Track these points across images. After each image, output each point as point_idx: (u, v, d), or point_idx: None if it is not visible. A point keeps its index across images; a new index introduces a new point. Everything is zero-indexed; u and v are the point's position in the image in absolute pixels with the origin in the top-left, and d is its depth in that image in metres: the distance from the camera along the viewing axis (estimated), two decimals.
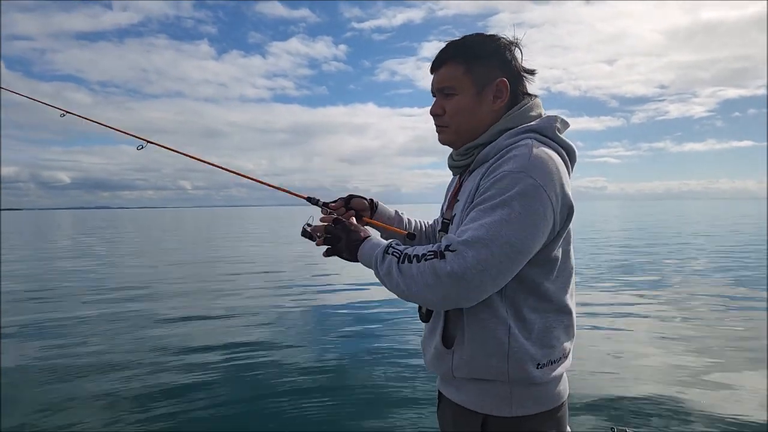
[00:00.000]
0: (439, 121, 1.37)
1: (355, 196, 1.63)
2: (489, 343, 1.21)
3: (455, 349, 1.27)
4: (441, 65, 1.33)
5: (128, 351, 5.58)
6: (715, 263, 12.58)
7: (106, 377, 4.71)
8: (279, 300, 8.59)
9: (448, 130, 1.36)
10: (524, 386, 1.23)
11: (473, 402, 1.27)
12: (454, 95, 1.31)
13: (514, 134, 1.27)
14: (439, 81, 1.34)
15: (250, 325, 6.76)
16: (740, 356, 5.14)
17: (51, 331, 6.60)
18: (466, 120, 1.32)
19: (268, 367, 4.92)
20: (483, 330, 1.22)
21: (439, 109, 1.35)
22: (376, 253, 1.25)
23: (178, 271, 13.09)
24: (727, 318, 6.87)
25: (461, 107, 1.31)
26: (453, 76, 1.31)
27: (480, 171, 1.27)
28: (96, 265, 14.62)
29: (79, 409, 3.93)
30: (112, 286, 10.50)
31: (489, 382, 1.24)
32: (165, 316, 7.44)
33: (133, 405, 4.02)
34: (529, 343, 1.21)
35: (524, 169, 1.15)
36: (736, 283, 9.56)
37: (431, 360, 1.36)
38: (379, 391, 4.30)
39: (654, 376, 4.49)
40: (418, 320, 1.45)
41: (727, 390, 4.19)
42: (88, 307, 8.16)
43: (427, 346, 1.38)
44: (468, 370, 1.25)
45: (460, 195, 1.34)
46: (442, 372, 1.33)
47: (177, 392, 4.28)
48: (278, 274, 11.99)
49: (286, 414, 3.87)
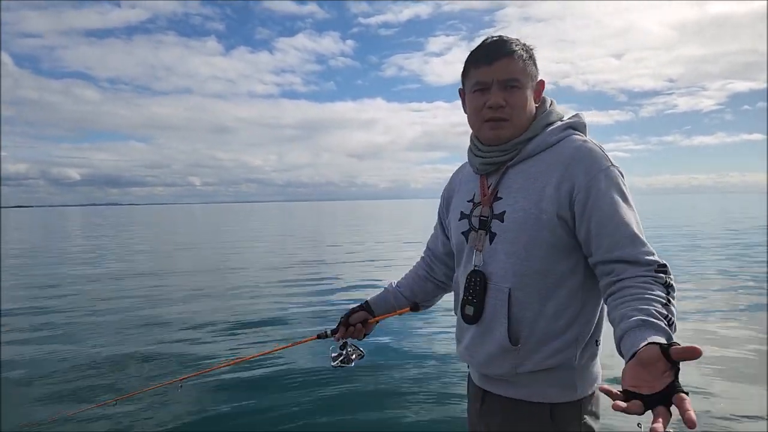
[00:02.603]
0: (500, 113, 1.32)
1: (350, 313, 1.64)
2: (562, 332, 1.26)
3: (522, 345, 1.28)
4: (505, 56, 1.30)
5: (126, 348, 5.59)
6: (733, 260, 12.42)
7: (107, 372, 4.73)
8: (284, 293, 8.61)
9: (508, 124, 1.33)
10: (585, 367, 1.30)
11: (539, 394, 1.29)
12: (518, 89, 1.32)
13: (559, 130, 1.34)
14: (503, 72, 1.30)
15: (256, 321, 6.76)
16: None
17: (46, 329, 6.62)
18: (525, 115, 1.34)
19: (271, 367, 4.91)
20: (555, 320, 1.26)
21: (502, 101, 1.31)
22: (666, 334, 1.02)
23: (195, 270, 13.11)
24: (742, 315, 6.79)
25: (523, 101, 1.33)
26: (519, 69, 1.31)
27: (534, 165, 1.31)
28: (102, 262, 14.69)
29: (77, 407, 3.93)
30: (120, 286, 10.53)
31: (554, 371, 1.27)
32: (178, 318, 7.43)
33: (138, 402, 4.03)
34: (593, 323, 1.30)
35: (607, 160, 1.26)
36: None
37: (487, 360, 1.33)
38: (383, 389, 4.29)
39: None
40: (415, 317, 1.43)
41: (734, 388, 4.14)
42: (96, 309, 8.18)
43: (479, 348, 1.35)
44: (536, 363, 1.27)
45: (505, 192, 1.33)
46: (502, 371, 1.31)
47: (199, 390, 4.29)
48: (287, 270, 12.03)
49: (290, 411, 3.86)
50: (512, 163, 1.34)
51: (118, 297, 8.73)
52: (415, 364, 4.82)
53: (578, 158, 1.25)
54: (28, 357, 5.29)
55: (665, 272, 1.13)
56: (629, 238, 1.18)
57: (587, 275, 1.28)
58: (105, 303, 8.22)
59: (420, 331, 5.84)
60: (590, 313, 1.29)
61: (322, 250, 16.88)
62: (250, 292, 9.09)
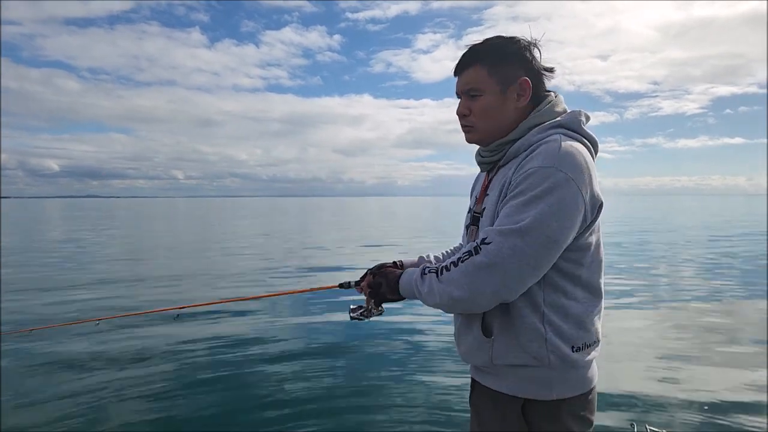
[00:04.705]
0: (465, 121, 1.43)
1: (381, 266, 1.62)
2: (528, 329, 1.27)
3: (495, 338, 1.32)
4: (465, 68, 1.40)
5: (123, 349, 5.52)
6: (723, 260, 12.62)
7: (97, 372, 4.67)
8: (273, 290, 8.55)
9: (474, 129, 1.42)
10: (563, 370, 1.29)
11: (513, 388, 1.32)
12: (480, 96, 1.38)
13: (543, 129, 1.34)
14: (464, 83, 1.41)
15: (246, 320, 6.72)
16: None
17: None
18: (492, 119, 1.39)
19: (257, 363, 4.88)
20: (521, 317, 1.28)
21: (466, 110, 1.41)
22: (414, 279, 1.36)
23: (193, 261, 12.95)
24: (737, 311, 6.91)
25: (487, 107, 1.38)
26: (477, 78, 1.38)
27: (511, 166, 1.34)
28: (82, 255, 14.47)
29: (71, 408, 3.87)
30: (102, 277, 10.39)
31: (529, 368, 1.29)
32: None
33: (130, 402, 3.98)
34: (566, 326, 1.28)
35: (555, 164, 1.21)
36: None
37: (468, 351, 1.41)
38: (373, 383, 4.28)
39: (668, 373, 4.49)
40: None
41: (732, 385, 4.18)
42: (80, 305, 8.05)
43: (463, 338, 1.43)
44: (508, 357, 1.31)
45: (490, 190, 1.40)
46: (481, 361, 1.38)
47: (198, 385, 4.23)
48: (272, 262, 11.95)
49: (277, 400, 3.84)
50: (502, 162, 1.40)
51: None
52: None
53: (531, 157, 1.27)
54: None
55: (484, 243, 1.21)
56: (501, 224, 1.23)
57: (548, 277, 1.27)
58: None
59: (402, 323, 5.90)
60: (555, 314, 1.27)
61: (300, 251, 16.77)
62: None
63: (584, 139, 1.34)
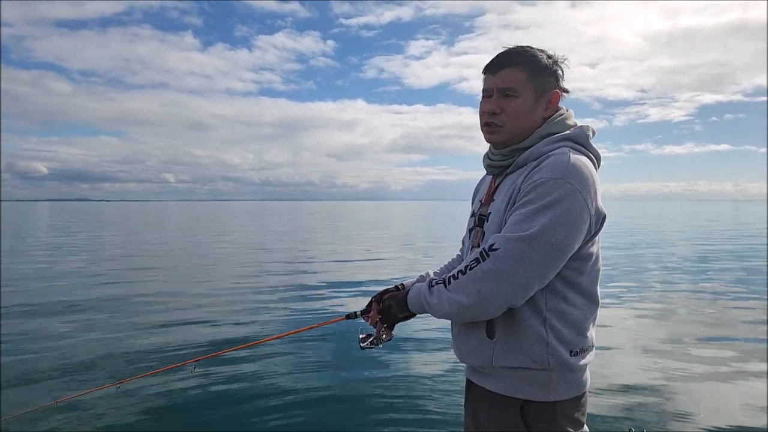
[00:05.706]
0: (494, 120, 1.42)
1: (383, 293, 1.64)
2: (529, 332, 1.31)
3: (497, 340, 1.35)
4: (504, 67, 1.40)
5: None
6: (719, 263, 12.68)
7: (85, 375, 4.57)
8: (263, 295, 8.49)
9: (501, 130, 1.42)
10: (561, 373, 1.33)
11: (512, 389, 1.35)
12: (516, 98, 1.39)
13: (553, 141, 1.38)
14: (502, 81, 1.40)
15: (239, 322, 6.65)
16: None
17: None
18: (521, 123, 1.41)
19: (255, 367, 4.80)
20: (524, 321, 1.31)
21: (497, 108, 1.41)
22: (422, 292, 1.40)
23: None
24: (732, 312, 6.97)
25: (520, 109, 1.40)
26: (517, 80, 1.39)
27: (519, 174, 1.38)
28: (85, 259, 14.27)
29: (67, 411, 3.75)
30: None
31: (529, 370, 1.32)
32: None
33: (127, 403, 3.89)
34: (566, 331, 1.32)
35: (563, 176, 1.26)
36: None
37: (469, 352, 1.42)
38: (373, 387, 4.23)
39: (669, 377, 4.40)
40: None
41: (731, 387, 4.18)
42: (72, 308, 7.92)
43: (464, 339, 1.44)
44: (509, 359, 1.33)
45: (497, 195, 1.43)
46: (480, 362, 1.40)
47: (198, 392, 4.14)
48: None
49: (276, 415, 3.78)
50: (510, 169, 1.43)
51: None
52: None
53: (541, 167, 1.31)
54: None
55: (492, 249, 1.26)
56: (509, 231, 1.27)
57: (550, 283, 1.30)
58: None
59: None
60: (556, 319, 1.32)
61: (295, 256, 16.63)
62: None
63: (590, 153, 1.39)
